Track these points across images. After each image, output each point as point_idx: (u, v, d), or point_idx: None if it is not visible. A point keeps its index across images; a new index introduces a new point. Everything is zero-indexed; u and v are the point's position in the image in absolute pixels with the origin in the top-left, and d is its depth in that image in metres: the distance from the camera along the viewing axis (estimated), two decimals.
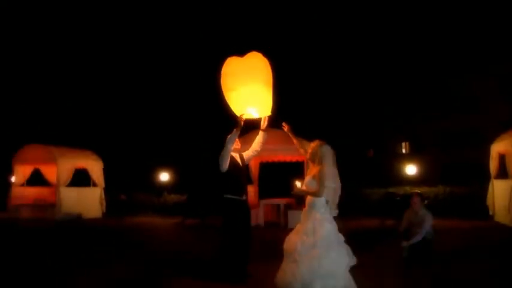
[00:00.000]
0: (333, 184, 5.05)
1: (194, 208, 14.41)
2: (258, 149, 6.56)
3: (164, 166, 18.43)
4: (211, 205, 13.76)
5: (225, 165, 6.07)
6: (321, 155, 5.12)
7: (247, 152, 6.55)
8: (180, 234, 11.79)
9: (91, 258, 7.92)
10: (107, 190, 17.48)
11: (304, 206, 5.22)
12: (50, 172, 16.73)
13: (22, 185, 17.43)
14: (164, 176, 17.98)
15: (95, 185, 17.27)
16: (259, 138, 6.50)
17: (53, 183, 16.54)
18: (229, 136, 6.02)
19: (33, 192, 17.39)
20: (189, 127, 21.23)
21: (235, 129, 6.04)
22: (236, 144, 6.30)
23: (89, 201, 16.85)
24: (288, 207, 12.96)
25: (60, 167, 16.03)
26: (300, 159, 14.08)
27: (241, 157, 6.45)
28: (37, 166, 17.20)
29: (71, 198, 16.16)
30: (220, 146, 6.00)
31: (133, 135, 21.96)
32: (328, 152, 5.15)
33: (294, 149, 13.45)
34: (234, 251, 6.01)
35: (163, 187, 18.20)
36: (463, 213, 13.99)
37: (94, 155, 17.57)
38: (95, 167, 17.29)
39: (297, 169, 13.79)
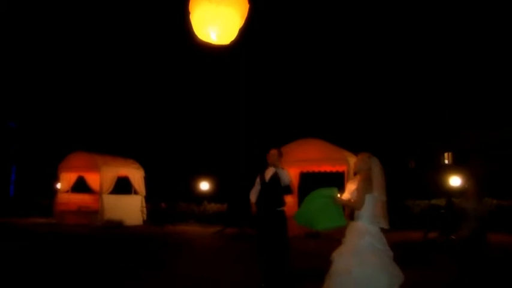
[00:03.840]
0: (382, 197, 4.93)
1: (234, 217, 14.40)
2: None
3: (204, 175, 18.53)
4: (250, 215, 13.71)
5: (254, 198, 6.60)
6: (368, 168, 5.01)
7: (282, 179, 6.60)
8: (220, 243, 11.80)
9: (132, 266, 8.00)
10: (148, 198, 17.70)
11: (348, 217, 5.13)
12: (93, 180, 17.08)
13: (67, 192, 17.87)
14: (204, 185, 18.07)
15: (136, 193, 17.53)
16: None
17: (96, 191, 16.87)
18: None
19: (77, 199, 17.79)
20: (230, 137, 21.29)
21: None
22: (272, 158, 6.44)
23: (130, 209, 17.07)
24: None
25: (103, 175, 16.38)
26: (340, 169, 13.94)
27: (275, 174, 6.48)
28: (81, 174, 17.60)
29: (113, 206, 16.44)
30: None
31: (174, 144, 22.19)
32: (376, 164, 5.03)
33: (334, 159, 13.53)
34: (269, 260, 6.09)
35: (204, 196, 18.28)
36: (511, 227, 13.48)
37: (136, 163, 17.85)
38: (136, 176, 17.56)
39: (337, 179, 13.62)
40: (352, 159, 13.49)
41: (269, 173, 6.49)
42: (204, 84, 22.36)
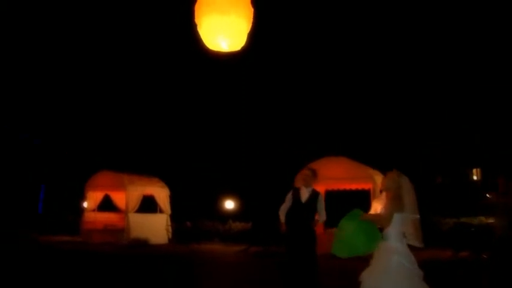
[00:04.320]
0: (415, 215, 4.85)
1: (259, 236, 14.34)
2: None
3: (229, 194, 18.55)
4: (276, 233, 13.64)
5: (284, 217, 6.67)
6: (397, 186, 4.93)
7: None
8: (246, 261, 11.74)
9: (158, 285, 7.99)
10: (173, 217, 17.74)
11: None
12: (119, 198, 17.22)
13: (94, 210, 18.03)
14: (229, 204, 18.09)
15: (161, 211, 17.60)
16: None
17: (122, 209, 16.99)
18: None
19: (103, 217, 17.91)
20: (255, 155, 21.29)
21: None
22: (306, 178, 6.46)
23: (156, 228, 17.12)
24: None
25: (129, 194, 16.52)
26: (365, 187, 13.81)
27: (312, 196, 6.55)
28: (107, 192, 17.75)
29: (139, 224, 16.53)
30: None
31: (199, 163, 22.26)
32: (406, 182, 4.96)
33: (359, 177, 13.41)
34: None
35: (228, 215, 18.27)
36: None
37: (161, 182, 17.96)
38: (161, 194, 17.65)
39: (362, 198, 13.48)
40: (378, 177, 13.35)
41: (304, 193, 6.50)
42: (226, 102, 22.44)
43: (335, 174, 13.45)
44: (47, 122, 24.05)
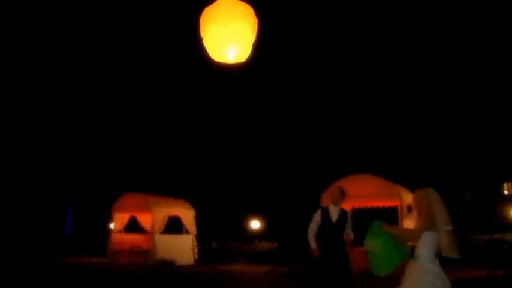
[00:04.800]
0: (448, 227, 4.72)
1: (285, 256, 14.21)
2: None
3: (255, 214, 18.49)
4: (304, 253, 13.49)
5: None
6: (428, 204, 4.81)
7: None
8: (272, 282, 11.59)
9: None
10: (199, 237, 17.71)
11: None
12: (145, 220, 17.27)
13: (120, 231, 18.11)
14: (255, 224, 18.01)
15: (187, 232, 17.59)
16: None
17: (148, 231, 17.03)
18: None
19: (130, 238, 17.96)
20: (280, 175, 21.21)
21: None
22: (334, 196, 6.39)
23: (182, 248, 17.11)
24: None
25: (154, 215, 16.57)
26: (392, 204, 13.60)
27: (342, 215, 6.54)
28: (134, 214, 17.85)
29: (165, 245, 16.53)
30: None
31: (224, 183, 22.27)
32: (436, 198, 4.85)
33: (386, 194, 13.20)
34: None
35: (254, 235, 18.17)
36: None
37: (186, 203, 17.98)
38: (187, 215, 17.66)
39: (390, 215, 13.27)
40: (405, 194, 13.15)
41: (333, 212, 6.43)
42: (246, 118, 22.44)
43: (361, 192, 13.28)
44: (75, 145, 24.39)
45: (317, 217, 6.59)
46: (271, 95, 21.77)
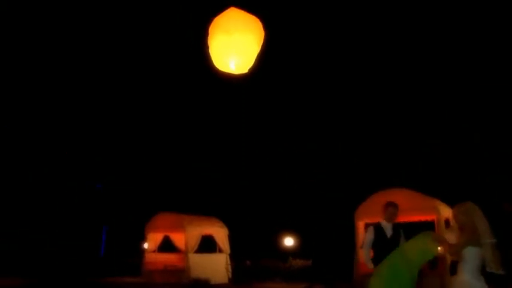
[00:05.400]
0: (490, 240, 4.62)
1: (320, 273, 14.06)
2: None
3: (288, 231, 18.39)
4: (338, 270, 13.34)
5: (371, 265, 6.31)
6: (470, 219, 4.73)
7: None
8: None
9: None
10: (233, 256, 17.67)
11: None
12: (179, 239, 17.34)
13: (154, 251, 18.23)
14: (289, 241, 17.89)
15: (220, 251, 17.58)
16: None
17: (182, 250, 17.09)
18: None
19: (164, 258, 18.07)
20: (313, 191, 21.05)
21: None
22: (389, 212, 6.28)
23: (216, 267, 17.10)
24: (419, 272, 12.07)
25: (188, 234, 16.64)
26: (429, 218, 13.32)
27: (397, 231, 6.39)
28: (167, 233, 17.95)
29: (199, 264, 16.56)
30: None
31: (257, 201, 22.23)
32: (477, 211, 4.76)
33: (423, 208, 12.95)
34: None
35: (288, 252, 18.05)
36: None
37: (219, 222, 17.99)
38: (220, 234, 17.66)
39: (427, 229, 12.96)
40: (442, 207, 12.88)
41: (388, 229, 6.30)
42: (272, 134, 22.37)
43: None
44: (108, 167, 24.74)
45: (370, 235, 6.43)
46: (285, 104, 21.73)
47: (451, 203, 10.56)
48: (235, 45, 5.79)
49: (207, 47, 6.01)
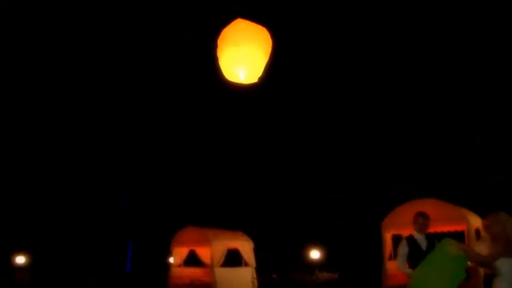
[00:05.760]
0: None
1: (346, 286, 13.92)
2: None
3: (314, 243, 18.27)
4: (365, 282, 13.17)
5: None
6: (504, 230, 4.62)
7: None
8: None
9: None
10: (259, 269, 17.60)
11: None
12: (204, 253, 17.32)
13: (180, 266, 18.24)
14: (315, 254, 17.76)
15: (246, 265, 17.51)
16: None
17: (207, 264, 17.06)
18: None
19: (189, 272, 18.02)
20: (338, 203, 20.91)
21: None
22: (420, 222, 6.16)
23: (242, 281, 17.02)
24: None
25: (213, 249, 16.58)
26: (459, 229, 13.08)
27: (431, 243, 6.22)
28: (192, 248, 17.96)
29: (225, 278, 16.48)
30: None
31: (282, 214, 22.15)
32: (509, 220, 4.66)
33: (452, 218, 12.72)
34: None
35: (314, 264, 17.92)
36: None
37: (244, 235, 17.94)
38: (245, 247, 17.59)
39: (456, 240, 12.72)
40: (472, 217, 12.64)
41: (421, 241, 6.17)
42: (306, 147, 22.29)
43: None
44: (134, 183, 24.95)
45: (404, 249, 6.27)
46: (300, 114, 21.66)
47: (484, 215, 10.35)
48: (244, 57, 5.90)
49: (214, 55, 6.13)
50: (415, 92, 20.50)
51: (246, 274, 17.33)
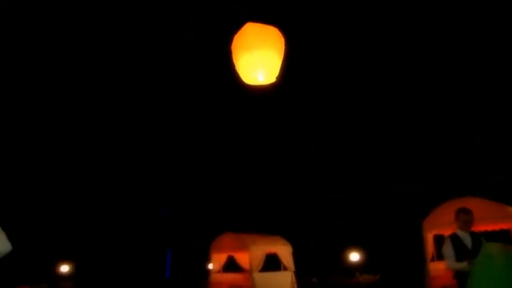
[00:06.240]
0: None
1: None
2: None
3: (353, 245, 18.08)
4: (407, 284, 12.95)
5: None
6: None
7: None
8: None
9: None
10: (298, 273, 17.51)
11: None
12: (243, 259, 17.34)
13: (219, 271, 18.32)
14: (354, 256, 17.55)
15: (285, 269, 17.45)
16: None
17: (246, 269, 17.08)
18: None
19: (228, 278, 18.09)
20: (378, 203, 20.67)
21: None
22: (460, 220, 5.99)
23: (281, 285, 16.97)
24: None
25: (252, 254, 16.59)
26: (504, 227, 12.71)
27: (477, 242, 5.95)
28: (231, 253, 18.01)
29: (264, 283, 16.46)
30: None
31: (320, 217, 22.02)
32: None
33: (496, 217, 12.39)
34: None
35: (355, 267, 17.71)
36: None
37: (282, 240, 17.91)
38: (284, 252, 17.54)
39: (502, 239, 12.39)
40: None
41: (466, 238, 5.98)
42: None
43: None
44: (172, 191, 25.20)
45: (449, 248, 6.03)
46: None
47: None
48: (259, 60, 6.06)
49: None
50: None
51: (285, 278, 17.26)
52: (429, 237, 12.65)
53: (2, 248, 3.37)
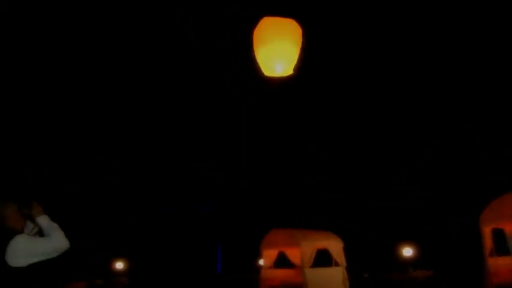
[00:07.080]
0: None
1: (443, 284, 13.45)
2: None
3: (406, 240, 17.81)
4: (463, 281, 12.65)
5: None
6: None
7: None
8: None
9: None
10: (350, 269, 17.39)
11: None
12: (294, 254, 17.37)
13: (270, 267, 18.42)
14: (407, 251, 17.30)
15: (337, 264, 17.36)
16: None
17: (297, 265, 17.10)
18: None
19: (280, 274, 18.18)
20: (430, 198, 20.30)
21: None
22: None
23: (333, 281, 16.88)
24: None
25: (303, 249, 16.59)
26: None
27: None
28: (282, 249, 18.07)
29: (316, 279, 16.44)
30: None
31: (373, 212, 21.79)
32: None
33: None
34: None
35: (408, 262, 17.45)
36: None
37: (333, 235, 17.80)
38: (335, 247, 17.43)
39: None
40: None
41: None
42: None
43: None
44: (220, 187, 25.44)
45: None
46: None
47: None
48: (278, 53, 6.28)
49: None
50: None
51: (337, 274, 17.14)
52: (487, 231, 12.26)
53: (60, 245, 3.66)
